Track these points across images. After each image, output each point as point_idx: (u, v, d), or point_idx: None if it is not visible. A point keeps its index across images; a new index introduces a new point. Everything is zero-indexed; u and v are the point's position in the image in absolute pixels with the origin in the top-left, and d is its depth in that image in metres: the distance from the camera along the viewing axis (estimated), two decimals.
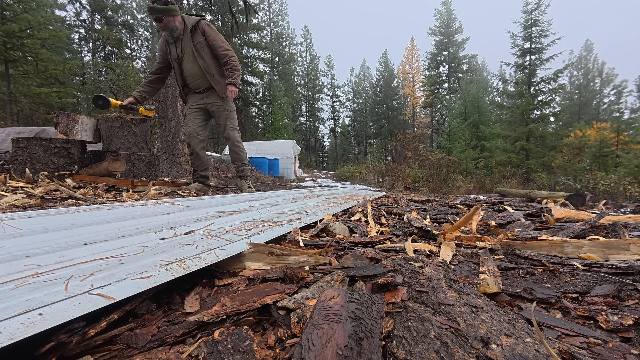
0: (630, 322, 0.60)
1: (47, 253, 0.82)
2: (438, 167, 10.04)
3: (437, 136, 28.12)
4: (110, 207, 1.53)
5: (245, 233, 1.18)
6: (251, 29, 23.44)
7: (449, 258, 1.06)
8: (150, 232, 1.11)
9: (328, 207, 2.13)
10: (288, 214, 1.71)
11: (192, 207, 1.74)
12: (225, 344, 0.51)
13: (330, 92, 41.07)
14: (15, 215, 1.18)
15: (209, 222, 1.33)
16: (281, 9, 32.47)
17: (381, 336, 0.49)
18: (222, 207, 1.79)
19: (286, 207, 1.99)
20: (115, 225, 1.19)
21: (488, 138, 16.17)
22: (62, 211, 1.33)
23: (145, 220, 1.32)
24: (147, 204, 1.68)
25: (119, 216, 1.34)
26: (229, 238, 1.07)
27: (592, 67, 36.45)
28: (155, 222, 1.29)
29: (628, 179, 6.59)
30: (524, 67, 14.70)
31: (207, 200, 2.07)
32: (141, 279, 0.65)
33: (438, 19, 30.03)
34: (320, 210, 1.95)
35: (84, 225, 1.14)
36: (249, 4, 6.46)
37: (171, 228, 1.20)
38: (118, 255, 0.82)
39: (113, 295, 0.57)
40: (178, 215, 1.49)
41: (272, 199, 2.36)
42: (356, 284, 0.76)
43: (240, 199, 2.30)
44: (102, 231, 1.09)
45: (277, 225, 1.37)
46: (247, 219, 1.47)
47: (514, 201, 3.32)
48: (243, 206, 1.89)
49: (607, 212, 2.24)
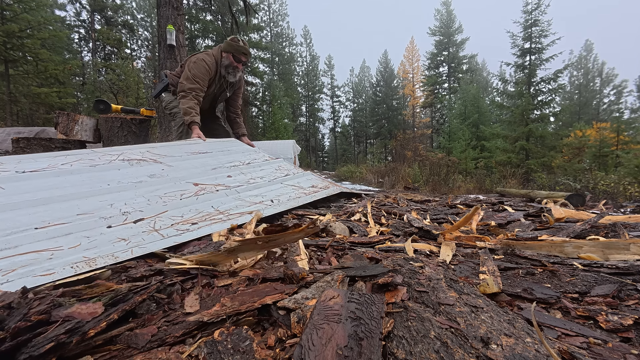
0: (630, 322, 0.60)
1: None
2: (438, 167, 10.04)
3: (437, 136, 28.11)
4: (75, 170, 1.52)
5: (187, 228, 1.22)
6: (251, 29, 23.43)
7: (449, 258, 1.06)
8: (101, 219, 1.15)
9: (301, 195, 2.08)
10: (250, 203, 1.69)
11: (174, 167, 1.81)
12: (225, 344, 0.51)
13: (330, 92, 41.06)
14: None
15: (163, 210, 1.35)
16: (281, 9, 32.46)
17: (381, 336, 0.49)
18: (199, 178, 1.80)
19: (259, 189, 1.94)
20: (73, 204, 1.23)
21: (488, 138, 16.16)
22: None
23: (110, 197, 1.35)
24: (131, 158, 1.75)
25: (80, 192, 1.35)
26: (166, 234, 1.13)
27: (592, 67, 36.45)
28: (120, 199, 1.34)
29: (628, 179, 6.58)
30: (524, 67, 14.69)
31: (191, 161, 2.05)
32: (42, 275, 0.76)
33: (438, 19, 30.01)
34: (289, 199, 1.92)
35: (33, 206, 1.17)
36: (249, 4, 6.47)
37: (123, 214, 1.23)
38: (53, 248, 0.88)
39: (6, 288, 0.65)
40: (147, 189, 1.52)
41: (252, 169, 2.31)
42: (356, 284, 0.76)
43: (225, 161, 2.26)
44: (59, 211, 1.15)
45: (229, 219, 1.39)
46: (206, 208, 1.48)
47: (514, 201, 3.32)
48: (221, 177, 1.89)
49: (607, 212, 2.24)
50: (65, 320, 0.53)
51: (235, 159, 2.41)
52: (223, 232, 1.32)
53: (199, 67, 2.77)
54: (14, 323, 0.51)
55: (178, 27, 4.76)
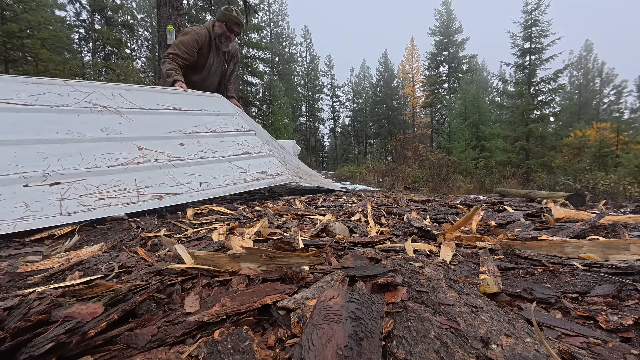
0: (630, 322, 0.60)
1: None
2: (438, 167, 10.04)
3: (437, 136, 28.09)
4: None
5: (89, 205, 1.20)
6: (251, 29, 23.44)
7: (449, 258, 1.06)
8: (22, 176, 1.15)
9: (239, 182, 1.93)
10: (176, 183, 1.62)
11: (132, 123, 1.76)
12: (225, 344, 0.51)
13: (330, 92, 41.08)
14: None
15: (85, 176, 1.33)
16: (281, 9, 32.48)
17: (381, 336, 0.49)
18: (149, 141, 1.73)
19: (200, 166, 1.82)
20: (12, 150, 1.24)
21: (488, 138, 16.16)
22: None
23: (49, 148, 1.34)
24: (97, 103, 1.71)
25: (27, 138, 1.34)
26: (65, 208, 1.12)
27: (592, 67, 36.46)
28: (57, 152, 1.33)
29: (628, 179, 6.58)
30: (524, 67, 14.69)
31: (154, 117, 1.96)
32: None
33: (438, 19, 30.02)
34: (221, 184, 1.83)
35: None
36: (249, 4, 6.47)
37: (45, 174, 1.21)
38: None
39: None
40: (89, 146, 1.48)
41: (211, 139, 2.15)
42: (356, 284, 0.76)
43: (189, 124, 2.14)
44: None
45: (136, 202, 1.36)
46: (127, 181, 1.44)
47: (514, 201, 3.32)
48: (172, 143, 1.81)
49: (607, 212, 2.24)
50: (65, 320, 0.53)
51: (202, 123, 2.29)
52: (223, 231, 1.32)
53: (186, 35, 2.88)
54: (14, 323, 0.51)
55: (178, 27, 4.76)
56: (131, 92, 2.03)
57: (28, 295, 0.67)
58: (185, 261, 0.88)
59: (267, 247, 1.07)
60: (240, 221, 1.60)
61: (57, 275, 0.85)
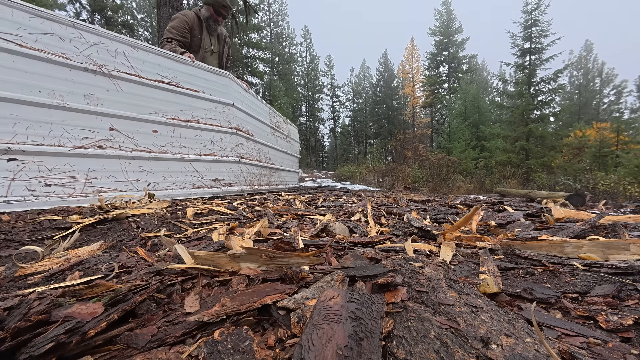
0: (630, 322, 0.60)
1: None
2: (438, 167, 10.03)
3: (437, 136, 28.09)
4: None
5: (32, 192, 1.14)
6: (251, 29, 23.42)
7: (449, 258, 1.06)
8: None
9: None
10: (120, 179, 1.53)
11: (120, 94, 1.63)
12: (225, 344, 0.51)
13: (330, 92, 41.09)
14: None
15: (41, 157, 1.25)
16: (281, 9, 32.46)
17: (381, 336, 0.49)
18: (124, 121, 1.58)
19: (142, 163, 1.68)
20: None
21: (488, 138, 16.16)
22: None
23: (23, 111, 1.25)
24: (86, 67, 1.55)
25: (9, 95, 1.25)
26: (12, 191, 1.06)
27: (592, 67, 36.45)
28: (28, 116, 1.25)
29: (628, 179, 6.58)
30: (523, 67, 14.68)
31: (145, 89, 1.80)
32: None
33: (438, 19, 30.02)
34: (172, 187, 1.76)
35: None
36: (249, 4, 6.47)
37: (6, 150, 1.13)
38: None
39: None
40: (62, 117, 1.36)
41: (189, 133, 1.98)
42: (356, 284, 0.76)
43: (177, 107, 1.99)
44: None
45: (82, 194, 1.29)
46: (80, 169, 1.35)
47: (514, 201, 3.32)
48: (144, 128, 1.68)
49: (607, 212, 2.24)
50: (65, 320, 0.53)
51: (189, 107, 2.14)
52: (223, 231, 1.32)
53: (174, 20, 2.98)
54: (14, 323, 0.51)
55: None
56: (137, 52, 1.87)
57: (28, 295, 0.67)
58: (185, 261, 0.88)
59: (267, 247, 1.07)
60: (240, 221, 1.60)
61: (57, 275, 0.85)
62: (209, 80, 2.47)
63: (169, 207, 1.73)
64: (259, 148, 3.30)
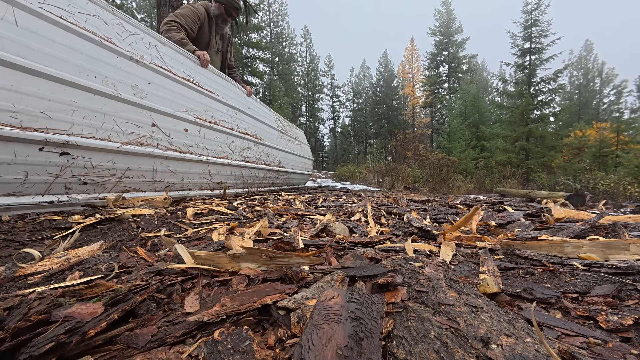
0: (630, 322, 0.60)
1: None
2: (438, 167, 10.03)
3: (437, 136, 28.09)
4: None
5: (68, 190, 1.08)
6: (251, 29, 23.41)
7: (449, 258, 1.06)
8: (46, 136, 1.00)
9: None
10: (147, 179, 1.46)
11: (159, 87, 1.59)
12: (225, 344, 0.51)
13: (330, 92, 41.11)
14: None
15: (90, 154, 1.18)
16: (281, 9, 32.46)
17: (381, 336, 0.49)
18: (161, 117, 1.51)
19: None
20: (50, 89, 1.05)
21: (488, 138, 16.15)
22: None
23: (65, 94, 1.16)
24: (130, 55, 1.49)
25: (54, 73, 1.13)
26: (50, 189, 0.98)
27: (592, 67, 36.45)
28: (84, 104, 1.17)
29: (628, 179, 6.58)
30: (523, 67, 14.68)
31: (174, 86, 1.74)
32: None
33: (438, 19, 30.02)
34: (183, 189, 1.70)
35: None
36: (249, 4, 6.48)
37: (64, 143, 1.06)
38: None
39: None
40: (113, 105, 1.29)
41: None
42: (356, 284, 0.76)
43: (195, 105, 1.91)
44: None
45: (110, 194, 1.23)
46: (119, 166, 1.27)
47: (514, 201, 3.31)
48: (182, 122, 1.63)
49: (607, 212, 2.24)
50: (65, 320, 0.53)
51: (210, 109, 2.10)
52: (223, 231, 1.32)
53: (185, 9, 2.81)
54: (14, 323, 0.51)
55: None
56: (164, 48, 1.84)
57: (28, 295, 0.67)
58: (185, 261, 0.88)
59: (267, 247, 1.07)
60: (240, 221, 1.60)
61: (57, 275, 0.85)
62: (219, 84, 2.45)
63: (169, 207, 1.73)
64: (268, 151, 3.26)
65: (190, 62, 2.07)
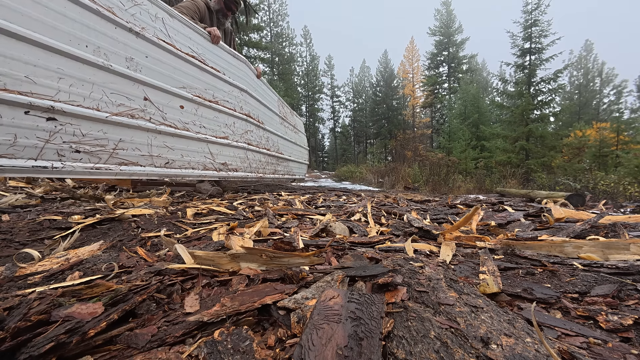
0: (630, 322, 0.60)
1: None
2: (438, 167, 10.04)
3: (437, 136, 28.09)
4: None
5: (61, 157, 1.09)
6: (251, 29, 23.41)
7: (449, 258, 1.06)
8: (31, 100, 1.03)
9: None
10: (142, 153, 1.48)
11: (152, 61, 1.58)
12: (225, 344, 0.51)
13: (330, 92, 41.10)
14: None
15: (78, 121, 1.19)
16: (281, 9, 32.45)
17: (381, 336, 0.49)
18: (155, 92, 1.51)
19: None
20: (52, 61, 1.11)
21: (488, 138, 16.15)
22: None
23: (71, 68, 1.21)
24: (131, 27, 1.50)
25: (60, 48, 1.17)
26: (43, 154, 1.01)
27: (592, 67, 36.44)
28: (75, 73, 1.21)
29: (628, 179, 6.58)
30: (523, 67, 14.69)
31: (175, 62, 1.72)
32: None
33: (438, 19, 30.01)
34: (186, 166, 1.73)
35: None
36: (249, 4, 6.49)
37: (49, 108, 1.09)
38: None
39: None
40: (106, 79, 1.31)
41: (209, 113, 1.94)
42: (356, 284, 0.76)
43: (194, 82, 1.91)
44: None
45: (105, 165, 1.27)
46: (111, 137, 1.29)
47: (513, 201, 3.31)
48: (177, 98, 1.61)
49: (607, 212, 2.24)
50: (65, 320, 0.53)
51: (212, 87, 2.09)
52: (223, 231, 1.32)
53: (186, 2, 2.88)
54: (14, 323, 0.51)
55: None
56: (172, 21, 1.82)
57: (28, 295, 0.67)
58: (185, 261, 0.88)
59: (267, 247, 1.07)
60: (240, 221, 1.60)
61: (57, 275, 0.85)
62: (229, 63, 2.43)
63: (169, 207, 1.73)
64: (268, 136, 3.24)
65: (199, 37, 2.05)
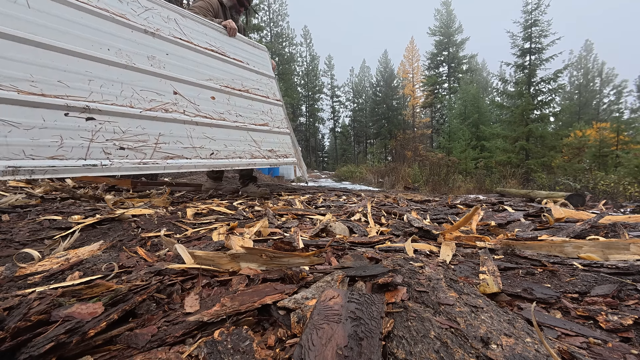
0: (630, 322, 0.60)
1: None
2: (438, 167, 10.04)
3: (437, 136, 28.08)
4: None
5: (108, 155, 1.17)
6: (251, 29, 23.41)
7: (449, 258, 1.06)
8: (64, 98, 1.10)
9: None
10: (185, 145, 1.57)
11: (179, 58, 1.69)
12: (225, 344, 0.51)
13: (330, 92, 41.10)
14: None
15: (116, 118, 1.27)
16: (281, 9, 32.45)
17: (381, 336, 0.49)
18: (183, 86, 1.59)
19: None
20: (65, 60, 1.18)
21: (488, 138, 16.15)
22: None
23: (95, 68, 1.30)
24: (145, 29, 1.60)
25: (76, 51, 1.27)
26: (90, 153, 1.09)
27: (592, 67, 36.43)
28: (102, 74, 1.31)
29: (628, 179, 6.58)
30: (523, 67, 14.69)
31: (196, 56, 1.82)
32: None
33: (438, 19, 30.01)
34: (233, 156, 1.82)
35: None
36: None
37: (84, 108, 1.17)
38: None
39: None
40: (130, 77, 1.40)
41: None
42: (356, 284, 0.76)
43: (221, 74, 2.00)
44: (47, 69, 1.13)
45: (152, 159, 1.35)
46: (151, 132, 1.36)
47: (513, 201, 3.31)
48: (207, 90, 1.69)
49: (607, 212, 2.24)
50: (65, 320, 0.53)
51: (239, 77, 2.15)
52: (223, 231, 1.32)
53: (199, 1, 2.88)
54: (14, 323, 0.51)
55: None
56: (185, 20, 1.92)
57: (28, 295, 0.67)
58: (185, 261, 0.88)
59: (267, 247, 1.07)
60: (240, 221, 1.60)
61: (57, 275, 0.85)
62: (250, 53, 2.48)
63: (169, 207, 1.73)
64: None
65: (215, 32, 2.13)
